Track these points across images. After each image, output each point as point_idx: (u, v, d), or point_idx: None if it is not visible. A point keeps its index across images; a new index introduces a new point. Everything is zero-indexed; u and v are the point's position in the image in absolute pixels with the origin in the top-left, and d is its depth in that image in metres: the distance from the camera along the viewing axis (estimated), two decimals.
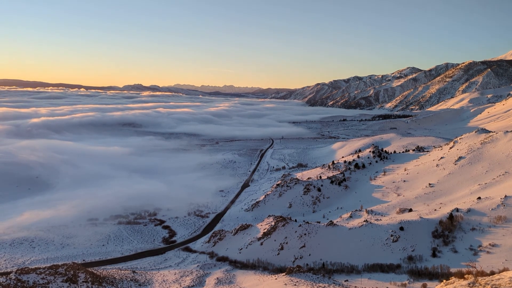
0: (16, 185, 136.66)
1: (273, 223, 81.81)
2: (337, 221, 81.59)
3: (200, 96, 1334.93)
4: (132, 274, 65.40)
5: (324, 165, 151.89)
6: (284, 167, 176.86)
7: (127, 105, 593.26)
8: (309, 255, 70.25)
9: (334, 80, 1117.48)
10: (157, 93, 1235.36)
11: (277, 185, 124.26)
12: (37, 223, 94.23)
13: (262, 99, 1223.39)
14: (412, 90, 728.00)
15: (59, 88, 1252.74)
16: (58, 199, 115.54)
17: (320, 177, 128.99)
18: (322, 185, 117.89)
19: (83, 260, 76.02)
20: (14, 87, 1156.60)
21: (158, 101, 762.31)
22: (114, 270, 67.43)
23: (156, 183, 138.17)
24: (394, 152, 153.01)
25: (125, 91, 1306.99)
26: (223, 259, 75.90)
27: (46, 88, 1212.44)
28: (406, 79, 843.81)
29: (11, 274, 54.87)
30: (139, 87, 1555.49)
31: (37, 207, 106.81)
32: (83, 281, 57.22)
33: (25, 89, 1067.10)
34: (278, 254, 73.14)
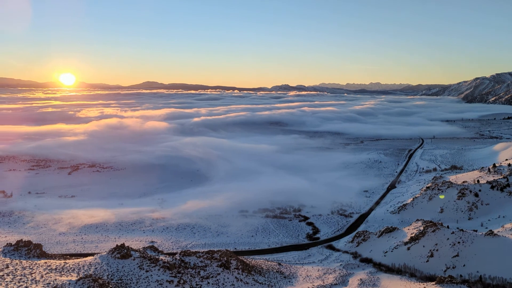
0: (181, 177, 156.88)
1: (421, 228, 77.18)
2: (498, 231, 72.74)
3: (345, 94, 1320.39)
4: (278, 266, 68.76)
5: (483, 168, 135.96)
6: (435, 169, 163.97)
7: (275, 104, 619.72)
8: (463, 265, 64.34)
9: (496, 74, 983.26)
10: (303, 92, 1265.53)
11: (427, 187, 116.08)
12: (197, 211, 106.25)
13: (411, 96, 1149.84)
14: None
15: (217, 90, 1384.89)
16: (215, 191, 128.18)
17: (478, 181, 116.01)
18: (480, 190, 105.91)
19: (235, 248, 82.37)
20: (181, 90, 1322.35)
21: (303, 100, 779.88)
22: (261, 260, 71.46)
23: (301, 180, 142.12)
24: None
25: (273, 92, 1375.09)
26: (366, 261, 74.69)
27: (206, 90, 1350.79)
28: None
29: (176, 255, 61.69)
30: (286, 87, 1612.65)
31: (198, 197, 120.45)
32: (234, 268, 61.67)
33: (189, 91, 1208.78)
34: (427, 261, 68.74)
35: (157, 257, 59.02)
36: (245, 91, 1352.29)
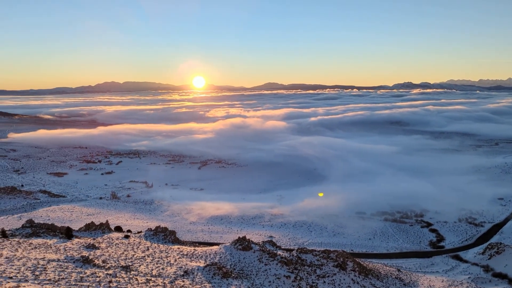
0: (298, 174, 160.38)
1: None
2: None
3: (477, 91, 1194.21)
4: (397, 272, 66.14)
5: None
6: None
7: (395, 103, 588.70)
8: None
9: None
10: (428, 90, 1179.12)
11: None
12: (314, 210, 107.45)
13: None
14: None
15: (335, 89, 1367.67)
16: (331, 190, 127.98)
17: None
18: None
19: (351, 250, 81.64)
20: (299, 90, 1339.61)
21: (427, 98, 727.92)
22: (379, 265, 69.52)
23: (423, 184, 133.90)
24: None
25: (394, 90, 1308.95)
26: (500, 276, 67.73)
27: (324, 90, 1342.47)
28: None
29: (293, 252, 62.90)
30: (409, 85, 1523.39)
31: (314, 196, 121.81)
32: (351, 270, 60.66)
33: (307, 92, 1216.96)
34: None
35: (275, 251, 61.15)
36: (364, 90, 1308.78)
